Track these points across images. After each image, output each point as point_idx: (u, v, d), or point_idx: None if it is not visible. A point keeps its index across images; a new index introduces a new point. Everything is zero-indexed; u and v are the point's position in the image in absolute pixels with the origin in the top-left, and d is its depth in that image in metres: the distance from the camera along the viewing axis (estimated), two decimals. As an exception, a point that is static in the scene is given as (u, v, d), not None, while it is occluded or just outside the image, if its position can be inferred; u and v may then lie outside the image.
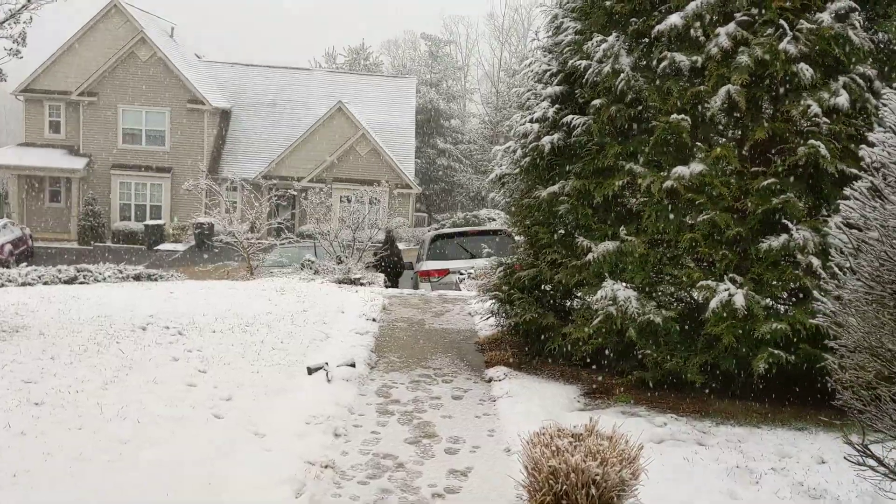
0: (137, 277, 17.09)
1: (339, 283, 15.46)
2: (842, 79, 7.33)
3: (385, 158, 35.84)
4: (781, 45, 7.35)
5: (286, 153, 36.05)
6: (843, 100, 7.16)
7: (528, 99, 10.31)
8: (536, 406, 7.61)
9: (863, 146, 3.85)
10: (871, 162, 3.72)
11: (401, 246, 21.68)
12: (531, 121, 9.73)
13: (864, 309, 3.53)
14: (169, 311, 11.49)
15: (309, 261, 17.28)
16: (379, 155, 35.91)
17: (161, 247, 33.06)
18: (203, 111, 35.60)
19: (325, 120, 36.18)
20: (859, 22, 7.38)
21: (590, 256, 8.38)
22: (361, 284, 15.36)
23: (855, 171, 7.36)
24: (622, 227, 8.49)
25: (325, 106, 37.37)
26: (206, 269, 20.29)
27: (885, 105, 3.77)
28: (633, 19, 8.83)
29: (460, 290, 15.74)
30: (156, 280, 16.93)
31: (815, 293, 5.07)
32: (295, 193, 31.37)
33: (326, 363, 8.55)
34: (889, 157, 3.52)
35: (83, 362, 8.36)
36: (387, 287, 16.46)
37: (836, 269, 4.07)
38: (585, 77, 8.88)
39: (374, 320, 11.73)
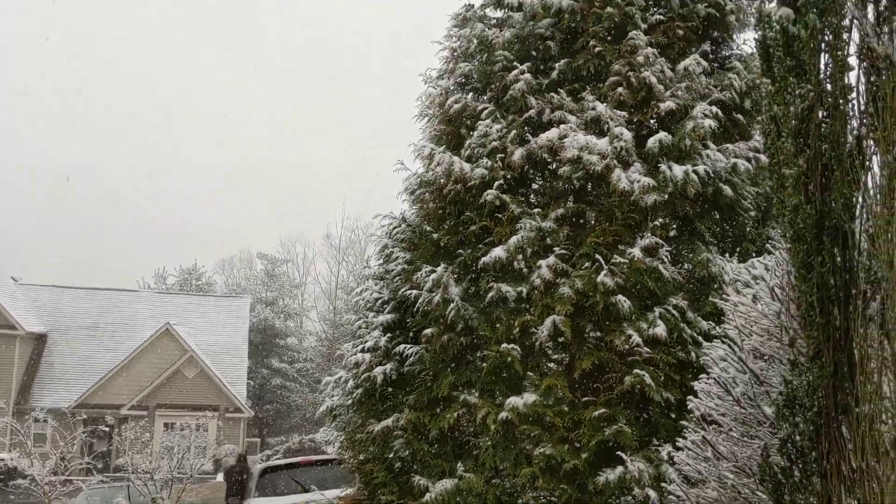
0: None
1: (154, 531, 13.77)
2: (657, 310, 7.65)
3: (215, 381, 34.12)
4: (599, 278, 7.64)
5: (105, 379, 33.56)
6: (660, 330, 7.43)
7: (360, 327, 10.11)
8: None
9: (690, 397, 3.83)
10: (699, 413, 3.68)
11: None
12: (363, 350, 9.46)
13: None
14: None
15: (120, 505, 15.43)
16: (208, 378, 34.18)
17: (-48, 490, 28.82)
18: (15, 336, 32.96)
19: (150, 342, 34.38)
20: (667, 256, 7.86)
21: (427, 497, 7.88)
22: (179, 531, 13.74)
23: (679, 398, 7.57)
24: (460, 463, 8.12)
25: (151, 328, 35.68)
26: (-1, 519, 17.62)
27: (703, 352, 3.81)
28: (460, 251, 9.04)
29: (293, 530, 14.39)
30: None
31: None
32: (111, 425, 28.83)
33: None
34: (717, 409, 3.48)
35: None
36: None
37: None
38: (417, 306, 8.83)
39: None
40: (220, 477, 25.90)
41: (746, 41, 9.51)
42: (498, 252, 8.32)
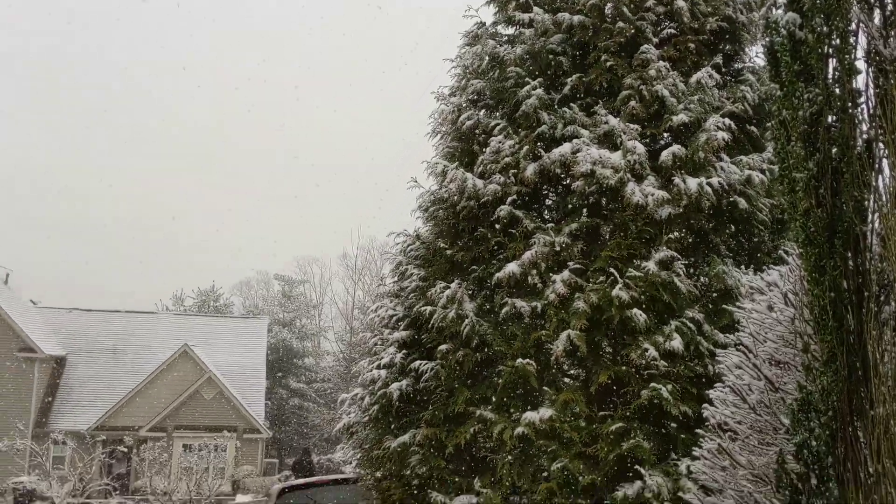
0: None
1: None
2: (674, 323, 7.60)
3: (233, 402, 34.15)
4: (614, 292, 7.61)
5: (124, 401, 33.68)
6: (677, 343, 7.38)
7: (376, 344, 10.12)
8: None
9: (705, 405, 3.80)
10: (714, 422, 3.65)
11: (248, 498, 20.00)
12: (378, 367, 9.47)
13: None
14: None
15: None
16: (226, 399, 34.22)
17: (-29, 513, 28.96)
18: (34, 359, 33.17)
19: (168, 364, 34.50)
20: (682, 269, 7.83)
21: (444, 513, 7.85)
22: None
23: (697, 411, 7.50)
24: (477, 479, 8.08)
25: (170, 350, 35.80)
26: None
27: (719, 362, 3.79)
28: (474, 267, 9.04)
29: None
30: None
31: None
32: (129, 447, 28.89)
33: None
34: (733, 417, 3.46)
35: None
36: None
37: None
38: (431, 322, 8.83)
39: None
40: (238, 498, 25.89)
41: (758, 54, 9.51)
42: (512, 267, 8.31)
